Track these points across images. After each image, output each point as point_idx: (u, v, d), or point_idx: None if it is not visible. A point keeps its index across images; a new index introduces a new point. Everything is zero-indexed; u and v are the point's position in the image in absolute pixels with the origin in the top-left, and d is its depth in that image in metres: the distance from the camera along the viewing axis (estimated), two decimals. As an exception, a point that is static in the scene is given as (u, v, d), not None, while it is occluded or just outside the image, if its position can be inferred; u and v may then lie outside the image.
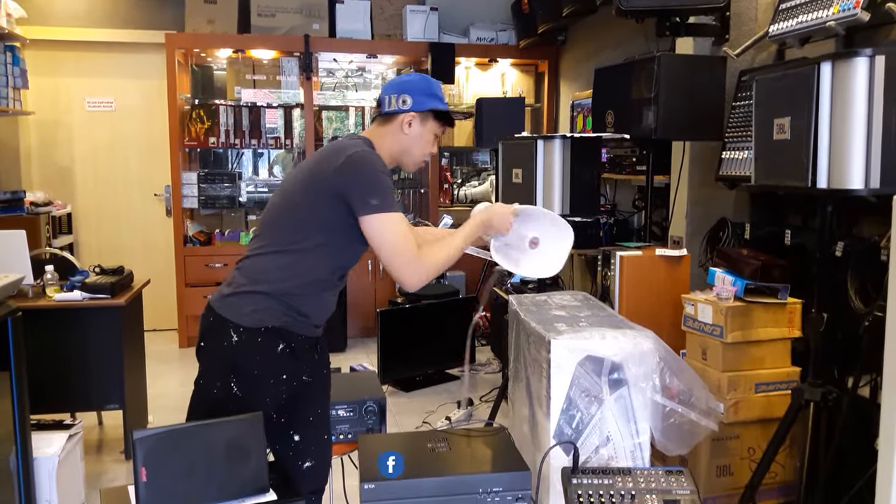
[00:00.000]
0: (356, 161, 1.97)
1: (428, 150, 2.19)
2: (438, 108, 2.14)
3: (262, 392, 2.01)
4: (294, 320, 2.02)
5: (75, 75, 5.99)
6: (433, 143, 2.19)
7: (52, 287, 3.50)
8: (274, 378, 2.03)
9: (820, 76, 2.04)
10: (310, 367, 2.14)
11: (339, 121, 6.40)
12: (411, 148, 2.14)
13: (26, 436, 2.79)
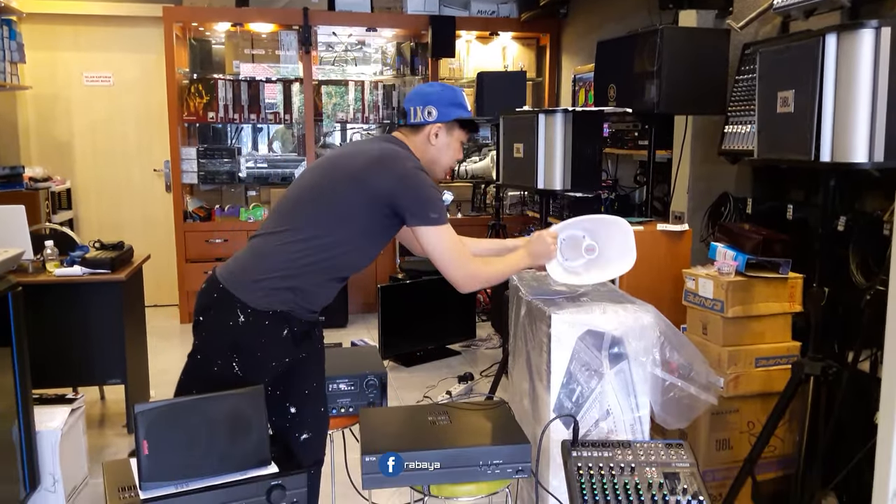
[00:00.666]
0: (413, 174, 2.06)
1: (455, 157, 2.25)
2: (464, 118, 2.20)
3: (262, 373, 2.02)
4: (299, 307, 2.04)
5: (73, 49, 5.94)
6: (459, 150, 2.25)
7: (53, 262, 3.50)
8: (276, 361, 2.06)
9: (825, 48, 2.02)
10: (307, 345, 2.17)
11: (338, 96, 6.36)
12: (439, 158, 2.20)
13: (29, 410, 2.81)
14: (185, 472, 1.65)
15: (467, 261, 2.10)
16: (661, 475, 1.77)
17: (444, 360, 4.90)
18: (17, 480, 2.73)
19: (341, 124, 6.41)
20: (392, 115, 6.32)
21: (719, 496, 2.69)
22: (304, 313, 2.06)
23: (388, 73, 6.38)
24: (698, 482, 1.76)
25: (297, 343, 2.08)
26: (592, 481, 1.75)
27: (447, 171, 2.27)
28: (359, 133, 6.54)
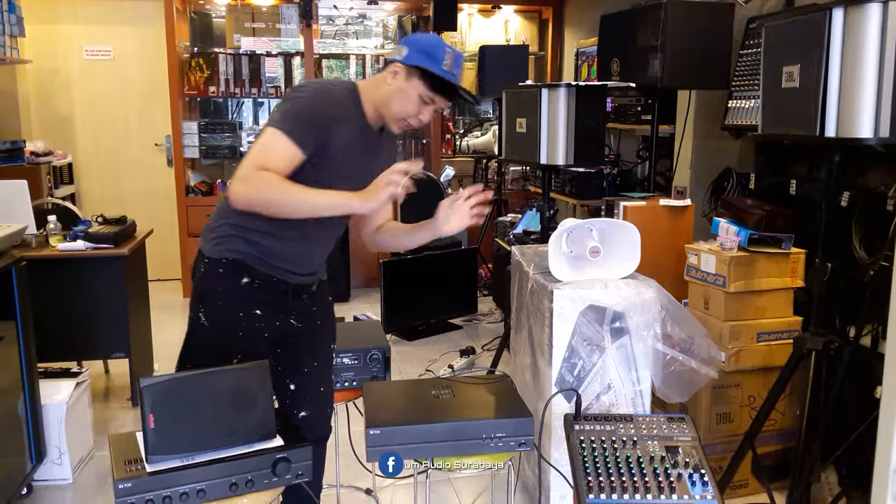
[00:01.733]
0: (295, 92, 1.94)
1: (408, 109, 1.98)
2: (429, 69, 1.93)
3: (230, 324, 1.99)
4: (257, 259, 1.98)
5: (72, 23, 5.88)
6: (418, 105, 1.97)
7: (56, 237, 3.50)
8: (243, 311, 2.00)
9: (831, 23, 2.00)
10: (297, 312, 2.11)
11: (339, 69, 6.32)
12: (390, 101, 1.98)
13: (34, 383, 2.83)
14: (191, 445, 1.66)
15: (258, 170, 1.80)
16: (663, 448, 1.79)
17: (446, 335, 4.93)
18: (23, 453, 2.76)
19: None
20: (393, 89, 6.28)
21: (720, 469, 2.71)
22: (267, 267, 1.99)
23: (390, 47, 6.33)
24: (700, 455, 1.78)
25: (269, 295, 2.00)
26: (595, 454, 1.77)
27: (400, 123, 2.00)
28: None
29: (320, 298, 2.20)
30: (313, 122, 1.89)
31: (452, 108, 6.60)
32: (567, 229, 2.39)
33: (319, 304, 2.20)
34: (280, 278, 2.03)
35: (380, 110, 2.00)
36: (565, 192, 4.92)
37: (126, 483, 1.58)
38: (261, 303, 2.02)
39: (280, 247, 2.00)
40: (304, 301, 2.13)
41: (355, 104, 1.99)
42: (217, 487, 1.65)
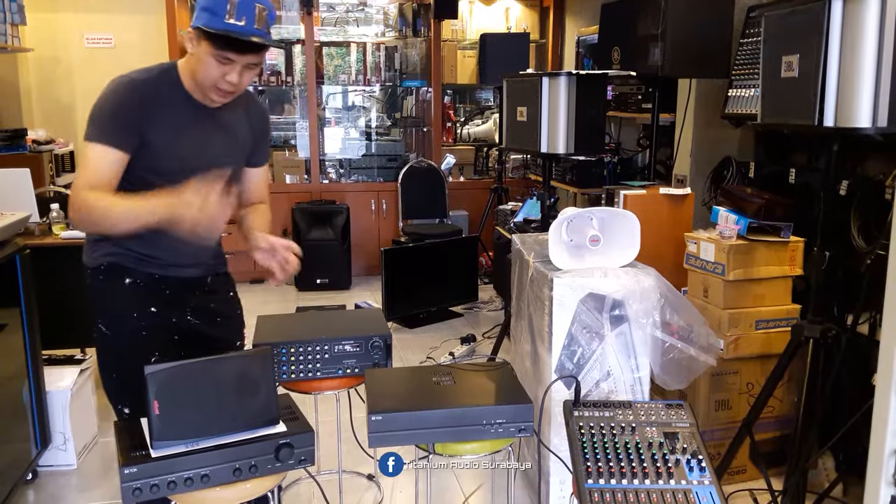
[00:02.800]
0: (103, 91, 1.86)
1: (211, 74, 1.79)
2: (205, 27, 1.74)
3: (130, 326, 1.95)
4: (132, 258, 1.94)
5: (73, 10, 5.88)
6: (218, 67, 1.79)
7: (59, 225, 3.51)
8: (137, 312, 1.95)
9: (830, 13, 2.00)
10: (193, 308, 2.05)
11: (339, 57, 6.32)
12: (194, 71, 1.83)
13: (39, 370, 2.86)
14: (195, 431, 1.68)
15: (85, 189, 1.76)
16: (662, 435, 1.81)
17: (447, 322, 4.95)
18: (28, 439, 2.79)
19: (343, 86, 6.38)
20: (394, 77, 6.29)
21: (718, 455, 2.74)
22: (144, 265, 1.95)
23: (391, 35, 6.32)
24: (698, 442, 1.80)
25: (157, 294, 1.95)
26: (594, 440, 1.79)
27: (214, 93, 1.84)
28: (360, 95, 6.51)
29: (219, 293, 2.11)
30: (118, 119, 1.81)
31: (453, 96, 6.60)
32: (567, 218, 2.41)
33: (218, 300, 2.11)
34: (161, 274, 1.97)
35: (196, 84, 1.87)
36: (566, 181, 4.93)
37: (131, 468, 1.60)
38: (152, 301, 1.97)
39: (147, 242, 1.91)
40: (195, 296, 2.05)
41: (171, 84, 1.88)
42: (221, 473, 1.67)
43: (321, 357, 2.36)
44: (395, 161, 6.18)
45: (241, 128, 2.02)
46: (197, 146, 1.91)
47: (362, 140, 6.41)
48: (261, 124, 2.10)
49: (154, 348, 1.96)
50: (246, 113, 2.04)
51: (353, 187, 6.02)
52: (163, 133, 1.86)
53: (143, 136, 1.84)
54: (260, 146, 2.12)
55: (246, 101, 2.05)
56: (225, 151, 1.97)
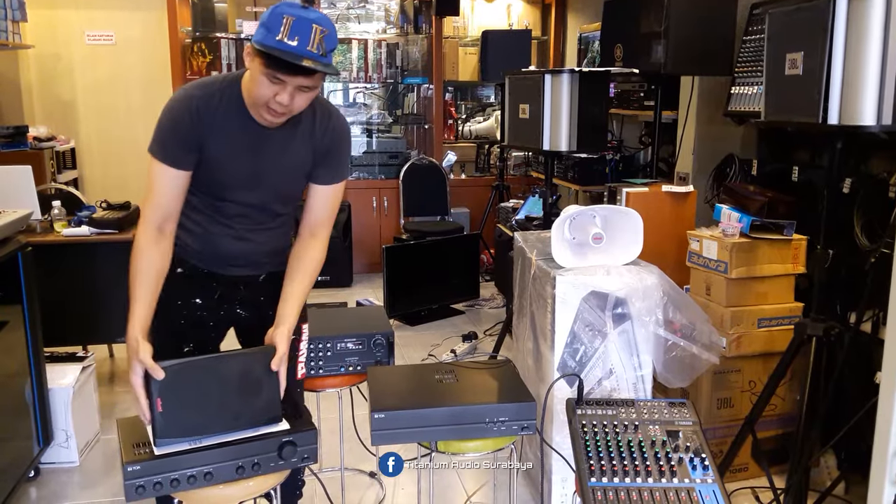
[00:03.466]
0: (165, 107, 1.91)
1: (262, 93, 1.75)
2: (259, 44, 1.70)
3: (173, 313, 1.99)
4: (189, 250, 1.98)
5: (74, 7, 5.87)
6: (269, 87, 1.74)
7: (60, 222, 3.51)
8: (181, 300, 2.00)
9: (835, 10, 2.00)
10: (242, 301, 2.07)
11: (341, 54, 6.30)
12: (249, 86, 1.81)
13: (41, 368, 2.86)
14: (198, 429, 1.68)
15: (144, 226, 1.84)
16: (664, 433, 1.81)
17: (449, 320, 4.95)
18: (30, 436, 2.79)
19: (344, 83, 6.38)
20: (395, 74, 6.28)
21: (720, 453, 2.74)
22: (196, 259, 1.98)
23: (392, 32, 6.31)
24: (700, 440, 1.80)
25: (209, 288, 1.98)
26: (596, 438, 1.79)
27: (264, 112, 1.80)
28: (361, 92, 6.50)
29: (269, 289, 2.07)
30: (177, 136, 1.83)
31: (455, 93, 6.60)
32: (570, 216, 2.40)
33: (268, 294, 2.07)
34: (210, 270, 1.99)
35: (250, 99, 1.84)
36: (568, 178, 4.93)
37: (135, 466, 1.60)
38: (199, 292, 2.00)
39: (200, 239, 1.97)
40: (242, 291, 2.06)
41: (231, 100, 1.85)
42: (224, 470, 1.67)
43: (323, 355, 2.36)
44: (396, 158, 6.17)
45: (303, 145, 1.94)
46: (250, 164, 1.89)
47: (363, 137, 6.40)
48: (327, 142, 1.97)
49: (189, 340, 2.00)
50: (311, 130, 1.95)
51: (354, 184, 6.01)
52: (217, 150, 1.86)
53: (201, 151, 1.85)
54: (323, 164, 1.98)
55: (314, 117, 1.94)
56: (283, 170, 1.93)
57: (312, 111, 1.92)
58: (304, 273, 1.98)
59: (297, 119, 1.89)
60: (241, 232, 1.97)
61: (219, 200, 1.93)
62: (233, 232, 1.97)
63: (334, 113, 2.00)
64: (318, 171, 1.98)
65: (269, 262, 2.07)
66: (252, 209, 1.96)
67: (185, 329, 2.02)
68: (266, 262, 2.07)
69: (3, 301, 2.64)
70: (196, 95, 1.85)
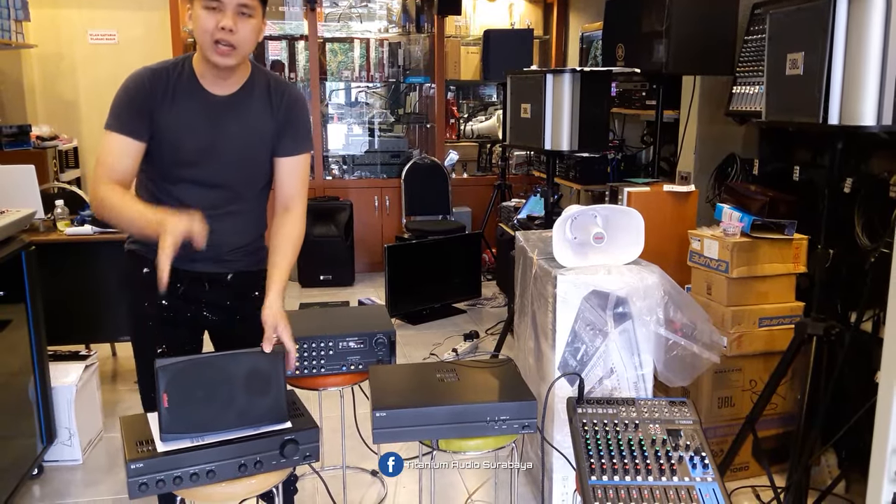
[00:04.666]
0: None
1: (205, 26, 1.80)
2: None
3: (142, 314, 2.01)
4: (148, 247, 1.90)
5: (77, 7, 5.89)
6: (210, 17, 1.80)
7: (63, 221, 3.53)
8: (148, 301, 1.98)
9: (835, 11, 2.00)
10: (208, 304, 2.05)
11: (343, 53, 6.32)
12: (197, 38, 1.85)
13: (44, 366, 2.87)
14: (203, 425, 1.69)
15: (100, 184, 1.84)
16: (665, 431, 1.82)
17: (450, 319, 4.96)
18: (34, 434, 2.81)
19: (346, 82, 6.39)
20: (397, 73, 6.29)
21: (721, 452, 2.75)
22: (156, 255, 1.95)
23: (394, 31, 6.32)
24: (700, 438, 1.81)
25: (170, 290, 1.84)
26: (597, 437, 1.80)
27: (214, 50, 1.82)
28: (364, 91, 6.51)
29: (239, 290, 2.07)
30: (131, 107, 1.87)
31: (457, 92, 6.60)
32: (571, 216, 2.41)
33: (237, 296, 2.07)
34: (174, 266, 1.87)
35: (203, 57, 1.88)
36: (569, 178, 4.93)
37: (138, 463, 1.61)
38: (168, 294, 1.91)
39: None
40: (207, 290, 2.03)
41: (184, 74, 1.91)
42: (226, 468, 1.68)
43: (325, 354, 2.37)
44: (398, 157, 6.18)
45: (260, 116, 1.97)
46: (209, 137, 1.91)
47: (365, 136, 6.41)
48: (286, 111, 2.00)
49: (161, 340, 1.99)
50: (269, 101, 1.98)
51: (356, 184, 6.03)
52: (173, 122, 1.89)
53: (155, 123, 1.87)
54: (285, 134, 2.00)
55: (268, 89, 1.98)
56: (241, 142, 1.95)
57: (267, 84, 1.99)
58: (283, 249, 1.98)
59: (251, 90, 1.95)
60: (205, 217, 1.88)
61: (177, 181, 1.92)
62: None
63: (289, 84, 2.07)
64: (281, 143, 2.01)
65: (236, 260, 2.05)
66: (212, 190, 1.95)
67: (155, 330, 2.02)
68: (231, 259, 2.04)
69: (7, 300, 2.66)
70: (148, 70, 1.93)
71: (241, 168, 1.98)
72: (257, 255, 2.09)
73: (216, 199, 1.96)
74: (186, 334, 2.07)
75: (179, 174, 1.93)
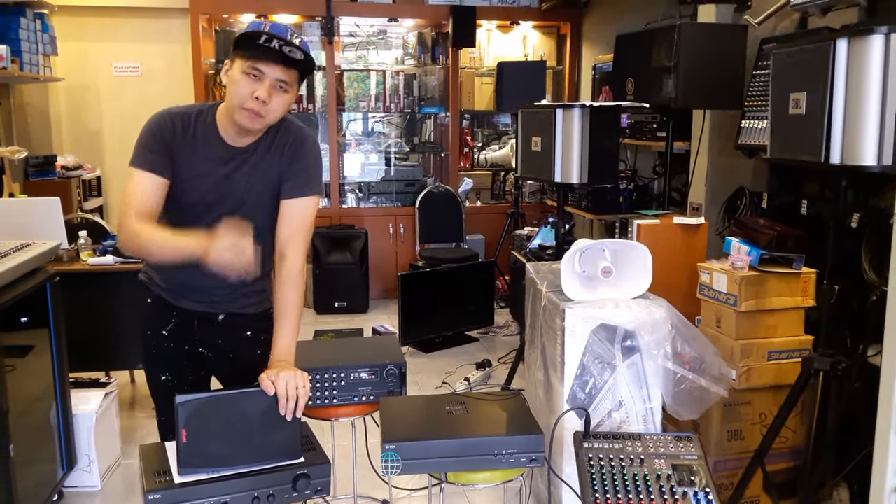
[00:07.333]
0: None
1: (241, 92, 1.83)
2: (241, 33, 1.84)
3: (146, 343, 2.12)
4: (154, 281, 2.09)
5: (102, 40, 6.06)
6: (248, 83, 1.83)
7: (86, 252, 3.62)
8: (150, 330, 2.11)
9: (836, 52, 2.05)
10: (202, 340, 2.11)
11: (359, 83, 6.43)
12: (228, 96, 1.89)
13: (66, 393, 2.94)
14: (220, 460, 1.74)
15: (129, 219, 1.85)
16: (670, 467, 1.85)
17: (463, 347, 4.99)
18: (55, 460, 2.87)
19: (363, 112, 6.50)
20: (413, 103, 6.39)
21: (731, 485, 2.76)
22: (160, 290, 2.07)
23: (410, 62, 6.44)
24: (705, 474, 1.83)
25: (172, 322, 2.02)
26: (603, 471, 1.83)
27: (244, 115, 1.87)
28: (380, 121, 6.62)
29: (229, 331, 2.11)
30: (154, 145, 1.92)
31: (471, 121, 6.68)
32: (580, 250, 2.45)
33: (227, 337, 2.12)
34: (170, 301, 2.05)
35: (229, 113, 1.91)
36: (582, 207, 4.98)
37: (156, 494, 1.66)
38: (163, 324, 2.08)
39: (161, 269, 2.06)
40: (196, 329, 2.09)
41: (205, 123, 1.96)
42: (241, 501, 1.73)
43: (337, 384, 2.42)
44: (412, 186, 6.26)
45: (269, 161, 1.99)
46: (218, 182, 1.96)
47: (381, 165, 6.51)
48: (291, 152, 2.00)
49: (165, 368, 2.10)
50: (276, 144, 2.00)
51: (371, 212, 6.11)
52: (184, 167, 1.94)
53: (175, 163, 1.94)
54: (290, 174, 1.99)
55: (277, 132, 2.00)
56: (250, 189, 1.98)
57: (276, 126, 1.99)
58: (282, 318, 1.95)
59: (268, 140, 1.98)
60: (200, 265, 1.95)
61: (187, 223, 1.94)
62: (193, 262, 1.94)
63: (298, 124, 2.06)
64: (286, 185, 1.99)
65: (226, 301, 2.07)
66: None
67: (160, 359, 2.11)
68: (221, 301, 2.07)
69: (32, 327, 2.73)
70: (173, 112, 1.99)
71: (250, 214, 1.96)
72: (251, 297, 2.11)
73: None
74: (188, 366, 2.14)
75: (189, 217, 1.96)
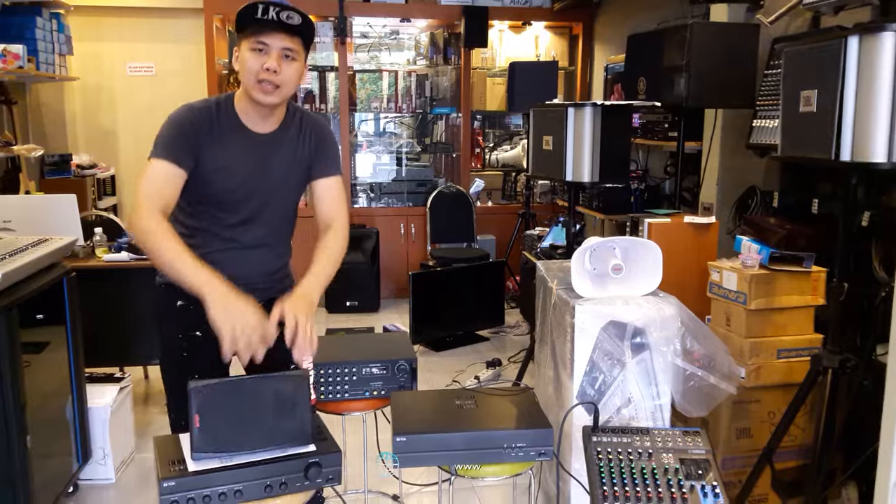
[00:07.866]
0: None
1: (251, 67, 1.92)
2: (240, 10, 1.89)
3: (176, 346, 2.10)
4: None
5: (117, 40, 6.13)
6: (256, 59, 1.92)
7: (101, 248, 3.67)
8: (182, 334, 2.08)
9: (847, 50, 2.06)
10: None
11: (371, 84, 6.46)
12: (243, 78, 1.97)
13: (82, 387, 2.98)
14: (232, 445, 1.77)
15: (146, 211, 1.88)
16: (678, 461, 1.86)
17: (473, 346, 5.01)
18: (70, 453, 2.91)
19: (375, 113, 6.53)
20: (424, 103, 6.42)
21: (739, 483, 2.76)
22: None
23: (422, 63, 6.46)
24: (713, 468, 1.84)
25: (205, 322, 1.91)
26: (611, 465, 1.84)
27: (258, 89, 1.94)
28: (392, 121, 6.65)
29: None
30: (177, 139, 1.95)
31: (483, 122, 6.70)
32: (590, 247, 2.47)
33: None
34: None
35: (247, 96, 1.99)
36: (593, 207, 4.99)
37: (170, 482, 1.69)
38: (198, 325, 1.96)
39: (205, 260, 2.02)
40: None
41: (226, 113, 2.02)
42: (253, 488, 1.75)
43: (349, 379, 2.44)
44: (424, 186, 6.29)
45: (297, 145, 2.11)
46: (253, 171, 2.03)
47: (393, 165, 6.54)
48: (316, 134, 2.15)
49: (195, 370, 2.06)
50: (301, 131, 2.13)
51: (382, 211, 6.14)
52: (214, 159, 1.99)
53: (199, 155, 1.97)
54: (319, 156, 2.15)
55: (299, 121, 2.13)
56: (284, 171, 2.07)
57: (297, 116, 2.12)
58: (325, 256, 2.10)
59: (288, 126, 2.08)
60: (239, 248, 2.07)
61: (219, 212, 2.03)
62: (232, 246, 2.07)
63: (315, 115, 2.22)
64: (315, 167, 2.15)
65: (264, 285, 2.15)
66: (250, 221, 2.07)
67: (189, 360, 2.10)
68: (261, 286, 2.13)
69: (48, 323, 2.78)
70: (196, 107, 2.02)
71: (279, 200, 2.11)
72: (284, 282, 2.21)
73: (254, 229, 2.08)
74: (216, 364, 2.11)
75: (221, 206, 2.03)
